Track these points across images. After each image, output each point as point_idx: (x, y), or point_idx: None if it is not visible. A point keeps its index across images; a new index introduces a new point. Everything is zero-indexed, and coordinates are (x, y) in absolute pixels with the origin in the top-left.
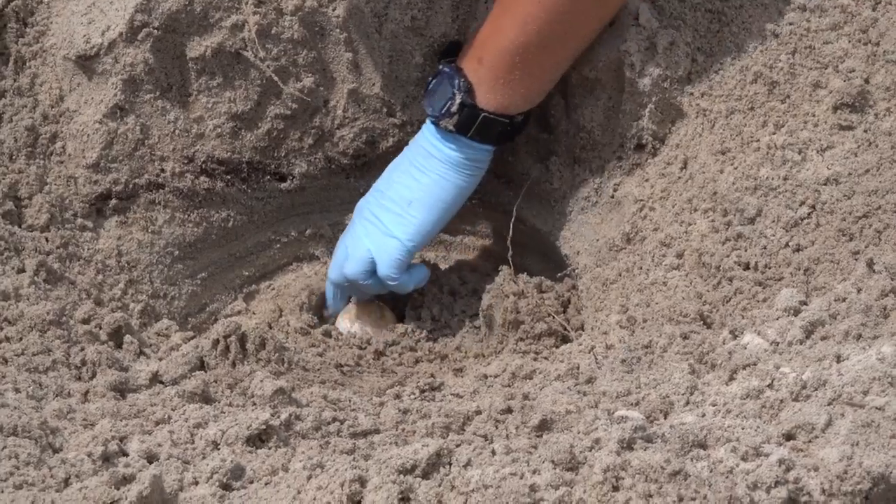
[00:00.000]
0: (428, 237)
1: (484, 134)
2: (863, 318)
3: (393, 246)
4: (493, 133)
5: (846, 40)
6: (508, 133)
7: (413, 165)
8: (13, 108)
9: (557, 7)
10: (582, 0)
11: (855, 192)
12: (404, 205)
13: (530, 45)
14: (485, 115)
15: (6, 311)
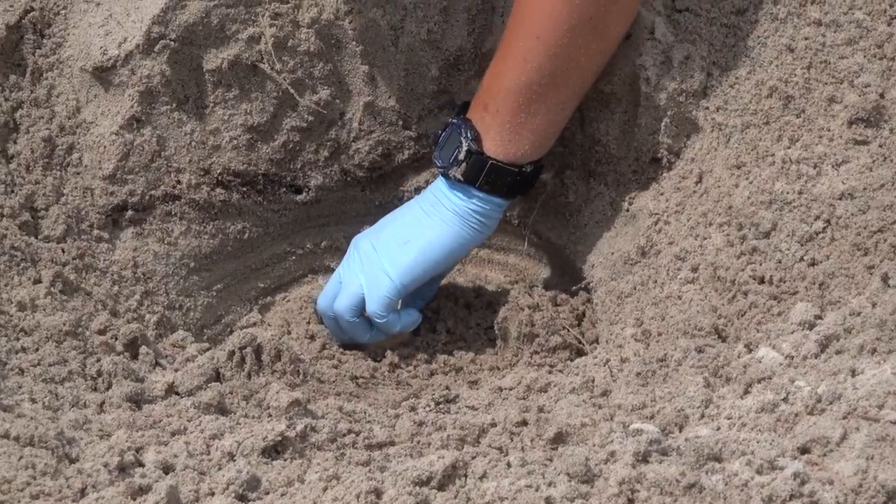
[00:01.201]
0: (418, 280)
1: (493, 184)
2: (878, 333)
3: (384, 283)
4: (503, 184)
5: (861, 55)
6: (518, 184)
7: (420, 208)
8: (30, 119)
9: (556, 41)
10: (580, 33)
11: (870, 207)
12: (401, 243)
13: (532, 84)
14: (492, 162)
15: (23, 321)
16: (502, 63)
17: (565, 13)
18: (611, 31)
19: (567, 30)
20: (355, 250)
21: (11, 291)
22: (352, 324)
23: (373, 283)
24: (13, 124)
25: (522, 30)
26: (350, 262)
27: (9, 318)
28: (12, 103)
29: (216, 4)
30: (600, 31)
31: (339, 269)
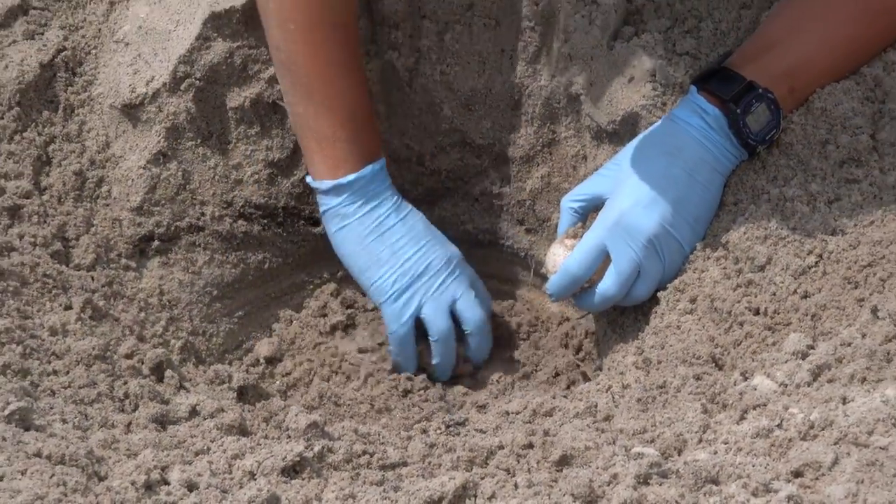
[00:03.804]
0: None
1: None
2: (867, 362)
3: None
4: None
5: (856, 100)
6: None
7: (698, 181)
8: (62, 153)
9: (877, 47)
10: (874, 54)
11: (860, 243)
12: (691, 221)
13: (840, 74)
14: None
15: (54, 345)
16: (815, 52)
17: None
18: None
19: (883, 26)
20: (640, 234)
21: (44, 317)
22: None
23: (674, 265)
24: (46, 158)
25: (835, 18)
26: (642, 244)
27: (41, 343)
28: (45, 138)
29: (239, 45)
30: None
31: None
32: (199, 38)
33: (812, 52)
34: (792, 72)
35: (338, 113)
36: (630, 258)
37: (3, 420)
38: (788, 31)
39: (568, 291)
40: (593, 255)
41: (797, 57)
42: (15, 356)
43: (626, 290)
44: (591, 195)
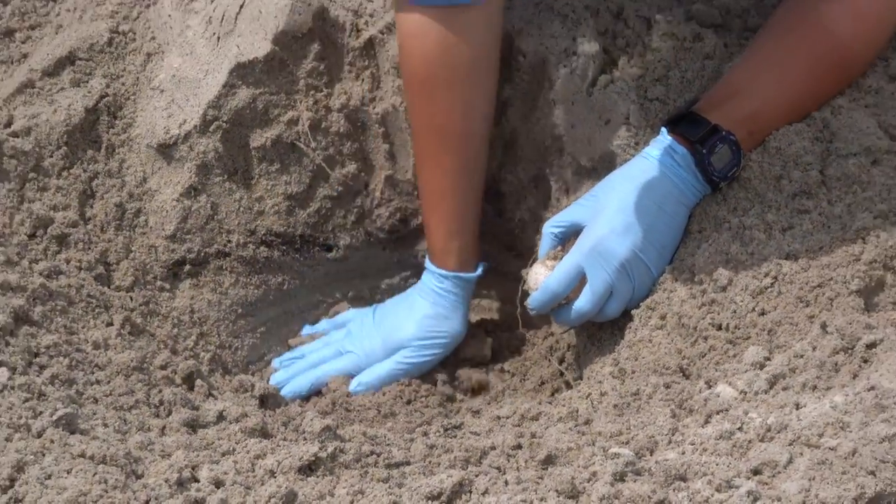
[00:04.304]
0: None
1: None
2: (818, 372)
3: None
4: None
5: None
6: None
7: (666, 212)
8: (104, 187)
9: (827, 94)
10: (845, 81)
11: (811, 266)
12: (659, 248)
13: (793, 118)
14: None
15: (97, 358)
16: (777, 99)
17: (858, 71)
18: (856, 73)
19: (833, 78)
20: (613, 258)
21: (87, 333)
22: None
23: (643, 286)
24: (90, 192)
25: (790, 71)
26: (615, 268)
27: (85, 356)
28: (89, 174)
29: (261, 92)
30: (854, 75)
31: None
32: (225, 86)
33: (769, 100)
34: (751, 117)
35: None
36: (604, 279)
37: (51, 425)
38: (749, 82)
39: (547, 306)
40: (571, 276)
41: (756, 104)
42: (62, 368)
43: (599, 308)
44: (570, 222)
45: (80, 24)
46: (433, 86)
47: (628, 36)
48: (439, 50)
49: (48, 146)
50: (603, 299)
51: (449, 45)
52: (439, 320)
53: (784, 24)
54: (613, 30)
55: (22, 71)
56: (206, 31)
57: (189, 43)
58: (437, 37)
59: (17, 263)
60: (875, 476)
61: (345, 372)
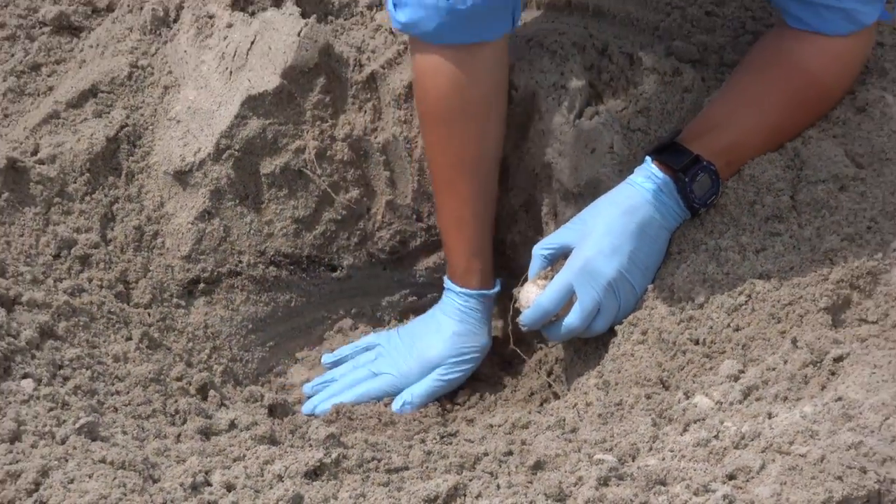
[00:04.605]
0: None
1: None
2: (789, 384)
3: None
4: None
5: (779, 168)
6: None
7: (649, 236)
8: (124, 211)
9: (799, 127)
10: (815, 115)
11: (782, 285)
12: (643, 269)
13: (769, 148)
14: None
15: (117, 370)
16: (752, 133)
17: (828, 105)
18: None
19: (804, 113)
20: (601, 277)
21: (108, 347)
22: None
23: (628, 304)
24: (111, 215)
25: (765, 107)
26: (603, 286)
27: (106, 368)
28: (110, 199)
29: (270, 122)
30: (826, 109)
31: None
32: (237, 117)
33: (746, 133)
34: (730, 148)
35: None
36: (592, 297)
37: (74, 432)
38: (727, 115)
39: (539, 323)
40: (562, 294)
41: (734, 136)
42: (84, 379)
43: (587, 324)
44: (560, 244)
45: (102, 59)
46: (450, 120)
47: (612, 71)
48: (454, 87)
49: (72, 173)
50: (591, 316)
51: (463, 82)
52: (469, 337)
53: (760, 60)
54: (599, 65)
55: (48, 102)
56: (220, 66)
57: (203, 77)
58: (452, 74)
59: (43, 282)
60: (842, 481)
61: (383, 392)
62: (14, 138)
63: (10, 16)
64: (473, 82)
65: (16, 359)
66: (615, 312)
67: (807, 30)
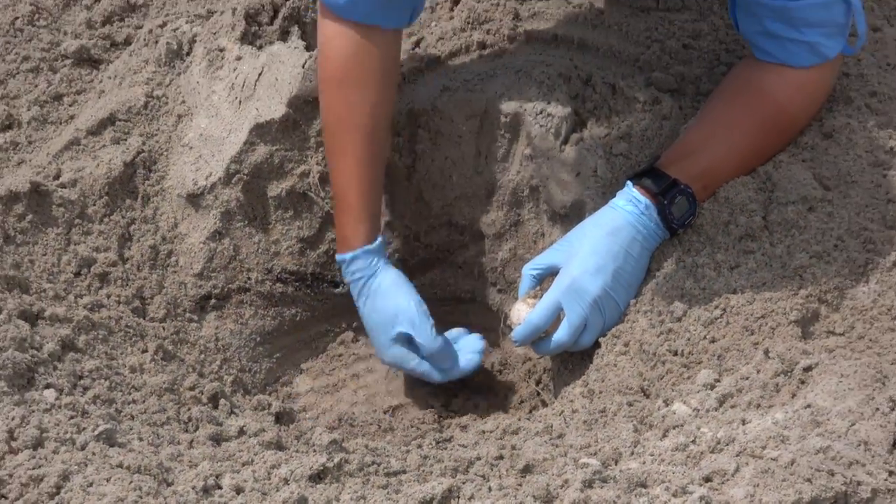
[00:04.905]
0: None
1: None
2: (761, 392)
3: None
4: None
5: (752, 190)
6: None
7: (632, 255)
8: (140, 231)
9: (769, 152)
10: (785, 141)
11: (755, 300)
12: (626, 286)
13: (742, 173)
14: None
15: (133, 380)
16: (726, 160)
17: (796, 131)
18: (795, 134)
19: (774, 139)
20: (587, 295)
21: (125, 359)
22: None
23: (612, 319)
24: (128, 235)
25: (738, 133)
26: (589, 303)
27: (123, 378)
28: (127, 220)
29: (277, 149)
30: (793, 136)
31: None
32: (246, 143)
33: (720, 158)
34: (705, 173)
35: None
36: (579, 314)
37: (93, 439)
38: (703, 142)
39: (529, 339)
40: (551, 311)
41: (709, 162)
42: (103, 389)
43: (575, 339)
44: (547, 265)
45: (119, 89)
46: (348, 85)
47: (596, 100)
48: (356, 54)
49: (91, 196)
50: (579, 331)
51: (363, 50)
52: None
53: (732, 90)
54: (583, 94)
55: (69, 130)
56: (230, 96)
57: (214, 106)
58: (355, 43)
59: (64, 298)
60: (811, 483)
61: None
62: (38, 164)
63: (33, 49)
64: (372, 53)
65: (39, 370)
66: (600, 328)
67: (774, 62)
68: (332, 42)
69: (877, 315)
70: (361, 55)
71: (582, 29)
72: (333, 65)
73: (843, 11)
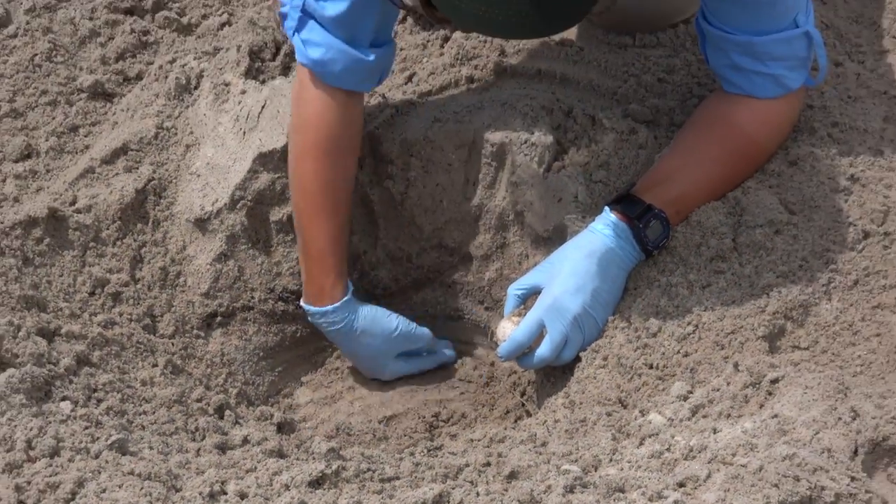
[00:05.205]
0: None
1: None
2: (731, 403)
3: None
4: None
5: (722, 214)
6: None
7: (610, 277)
8: (151, 254)
9: (738, 179)
10: (752, 168)
11: (725, 316)
12: (605, 304)
13: (712, 198)
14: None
15: (144, 393)
16: (699, 188)
17: (763, 159)
18: (762, 161)
19: (742, 166)
20: (568, 313)
21: (137, 373)
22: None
23: (591, 335)
24: (139, 257)
25: (708, 162)
26: (570, 321)
27: (135, 391)
28: (139, 243)
29: (278, 177)
30: (761, 163)
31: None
32: (249, 172)
33: (692, 185)
34: (678, 199)
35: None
36: (560, 331)
37: (106, 448)
38: (676, 170)
39: (514, 355)
40: (534, 328)
41: (681, 189)
42: (116, 401)
43: (557, 354)
44: (531, 285)
45: (132, 121)
46: (334, 153)
47: (576, 130)
48: (343, 124)
49: (105, 220)
50: (560, 347)
51: (348, 120)
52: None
53: (703, 121)
54: (564, 125)
55: (84, 159)
56: (234, 127)
57: (220, 136)
58: (342, 112)
59: (80, 316)
60: (778, 488)
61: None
62: (55, 190)
63: (51, 84)
64: (354, 121)
65: (56, 383)
66: (580, 344)
67: (741, 93)
68: (321, 111)
69: (839, 331)
70: (347, 122)
71: (563, 64)
72: (321, 134)
73: (804, 46)
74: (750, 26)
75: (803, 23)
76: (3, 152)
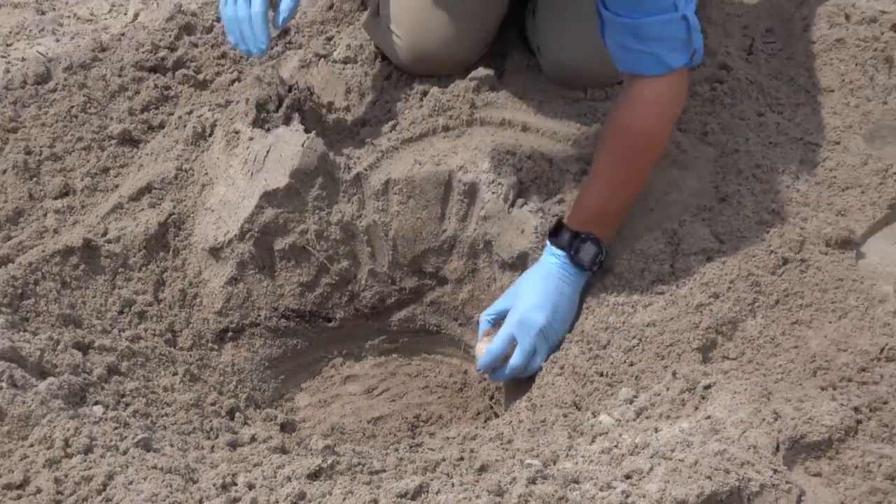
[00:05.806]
0: None
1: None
2: (670, 406)
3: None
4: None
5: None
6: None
7: (569, 298)
8: (171, 278)
9: (638, 172)
10: (650, 156)
11: (665, 331)
12: (563, 322)
13: (628, 201)
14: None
15: (166, 398)
16: (602, 199)
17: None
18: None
19: (636, 162)
20: (534, 326)
21: (159, 380)
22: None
23: (555, 344)
24: (162, 281)
25: (607, 172)
26: (536, 332)
27: (158, 396)
28: (161, 269)
29: (282, 211)
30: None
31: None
32: (256, 207)
33: (602, 199)
34: (596, 217)
35: None
36: (529, 341)
37: (133, 445)
38: (588, 192)
39: (492, 366)
40: (506, 341)
41: (595, 206)
42: (141, 405)
43: (526, 363)
44: (499, 310)
45: (155, 164)
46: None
47: (536, 171)
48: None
49: (132, 249)
50: (529, 356)
51: (680, 102)
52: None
53: (601, 136)
54: (526, 167)
55: (114, 197)
56: (243, 169)
57: (231, 177)
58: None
59: (110, 332)
60: (711, 479)
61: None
62: (89, 224)
63: (86, 132)
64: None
65: (89, 390)
66: (546, 352)
67: (628, 72)
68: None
69: (762, 343)
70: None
71: (525, 115)
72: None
73: (683, 28)
74: (635, 10)
75: (682, 7)
76: (45, 191)
